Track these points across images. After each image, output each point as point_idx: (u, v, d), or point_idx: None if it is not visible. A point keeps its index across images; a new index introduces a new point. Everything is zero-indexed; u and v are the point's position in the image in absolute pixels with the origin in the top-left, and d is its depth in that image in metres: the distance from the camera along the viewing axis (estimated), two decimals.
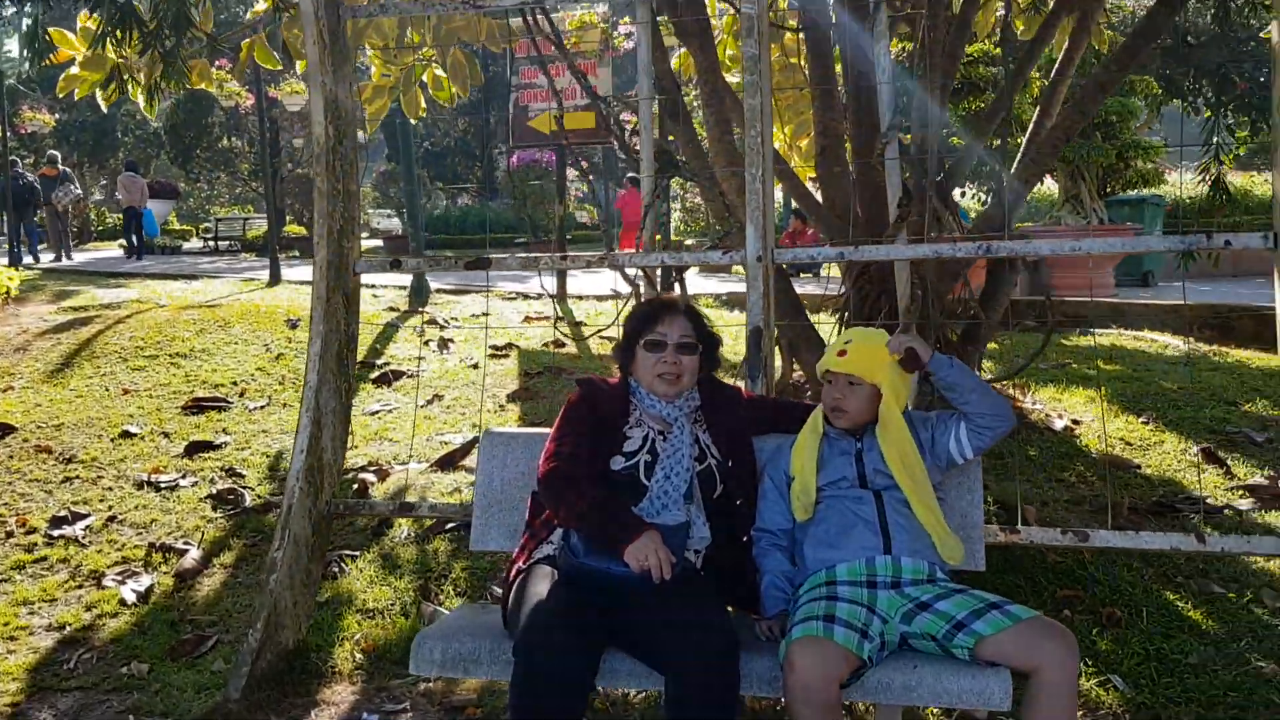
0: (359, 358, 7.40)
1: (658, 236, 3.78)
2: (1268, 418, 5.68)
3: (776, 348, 4.57)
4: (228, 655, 3.70)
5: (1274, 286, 3.03)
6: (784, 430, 3.09)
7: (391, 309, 9.70)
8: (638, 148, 3.87)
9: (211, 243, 22.70)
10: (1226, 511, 4.43)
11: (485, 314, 9.23)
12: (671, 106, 4.87)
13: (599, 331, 4.30)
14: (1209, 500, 4.55)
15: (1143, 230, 14.66)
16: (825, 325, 5.64)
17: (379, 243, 20.80)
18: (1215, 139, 5.34)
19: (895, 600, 2.69)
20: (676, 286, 3.98)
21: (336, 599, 3.96)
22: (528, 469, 3.24)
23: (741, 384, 3.40)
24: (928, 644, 2.64)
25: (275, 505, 4.91)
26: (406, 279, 10.62)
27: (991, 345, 6.87)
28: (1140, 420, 5.60)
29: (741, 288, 3.64)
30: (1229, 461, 4.98)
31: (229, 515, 4.86)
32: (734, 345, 6.30)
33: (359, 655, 3.65)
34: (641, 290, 4.11)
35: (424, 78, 6.94)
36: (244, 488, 5.14)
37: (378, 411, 6.30)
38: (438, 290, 10.66)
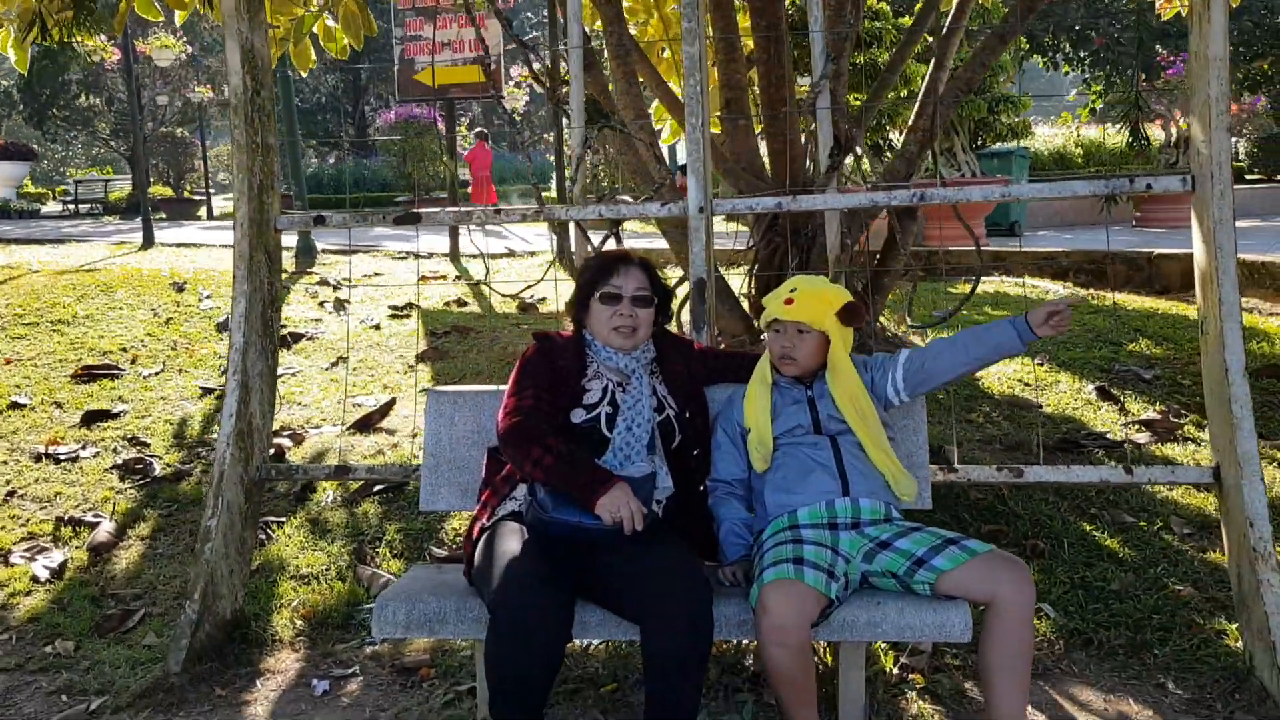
0: None
1: (584, 189, 3.75)
2: (1151, 356, 5.99)
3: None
4: (159, 628, 3.58)
5: (1192, 228, 3.18)
6: (733, 380, 3.13)
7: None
8: (568, 99, 3.82)
9: (71, 206, 21.57)
10: (1127, 445, 4.66)
11: (420, 274, 9.04)
12: (586, 57, 4.82)
13: (530, 286, 4.25)
14: (1109, 435, 4.78)
15: (1012, 181, 15.25)
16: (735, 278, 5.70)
17: None
18: (1135, 91, 5.54)
19: (856, 540, 2.76)
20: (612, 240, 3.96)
21: (268, 566, 3.86)
22: (476, 426, 3.21)
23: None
24: (889, 581, 2.72)
25: (187, 474, 4.75)
26: (290, 238, 10.32)
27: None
28: (1036, 362, 5.83)
29: (641, 243, 3.65)
30: (1122, 398, 5.23)
31: (139, 485, 4.67)
32: None
33: (299, 622, 3.57)
34: (573, 247, 4.07)
35: (314, 28, 6.69)
36: (151, 456, 4.95)
37: (281, 375, 6.12)
38: (324, 250, 10.39)
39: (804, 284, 2.97)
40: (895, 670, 3.11)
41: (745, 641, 3.20)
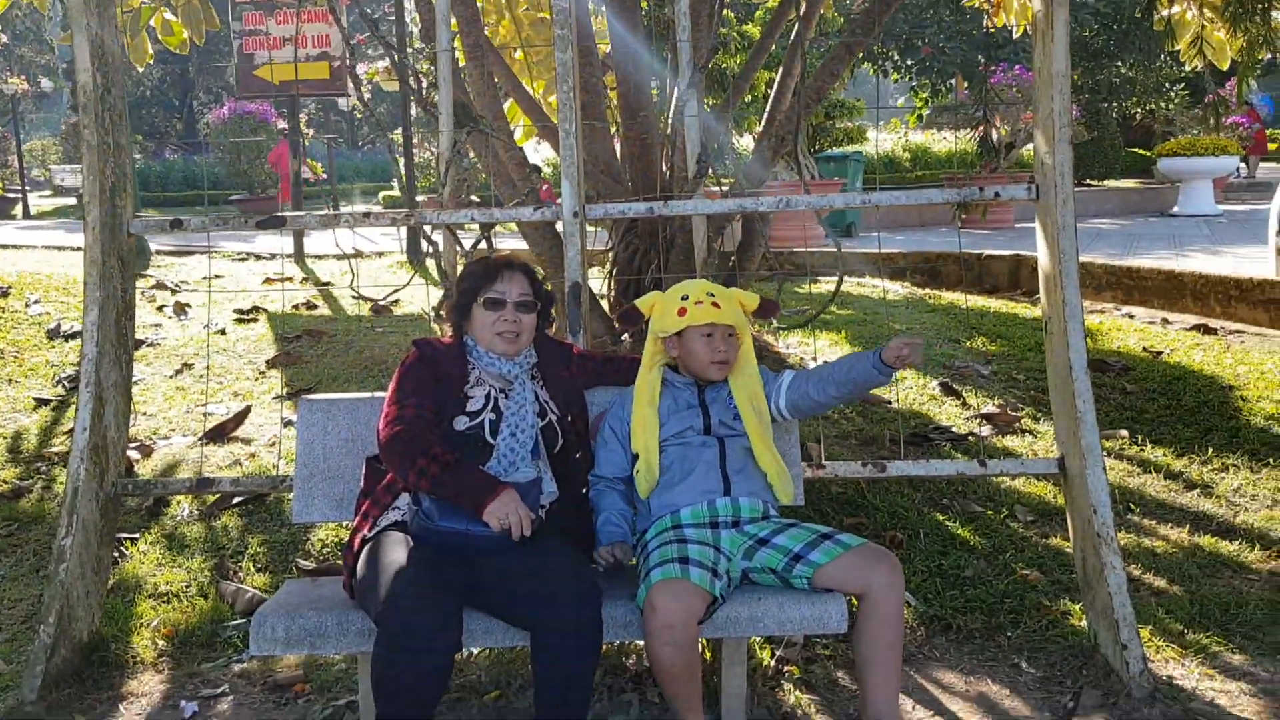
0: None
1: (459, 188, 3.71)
2: (988, 352, 6.32)
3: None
4: (7, 654, 3.38)
5: (1037, 233, 3.39)
6: (613, 384, 3.17)
7: None
8: (435, 101, 3.78)
9: None
10: (970, 438, 4.91)
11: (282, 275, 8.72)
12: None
13: (396, 291, 4.19)
14: (954, 429, 5.03)
15: (847, 184, 15.80)
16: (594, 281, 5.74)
17: (70, 201, 19.05)
18: (986, 101, 5.82)
19: (736, 538, 2.84)
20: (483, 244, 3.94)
21: (123, 585, 3.70)
22: (351, 435, 3.16)
23: None
24: (768, 577, 2.81)
25: (26, 490, 4.50)
26: None
27: None
28: None
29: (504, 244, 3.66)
30: (963, 393, 5.51)
31: None
32: None
33: (160, 642, 3.43)
34: (440, 249, 4.03)
35: (151, 22, 6.42)
36: None
37: None
38: (159, 250, 9.95)
39: (712, 289, 2.98)
40: (772, 663, 3.21)
41: (626, 642, 3.24)
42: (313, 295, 8.14)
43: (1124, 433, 4.96)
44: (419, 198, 13.39)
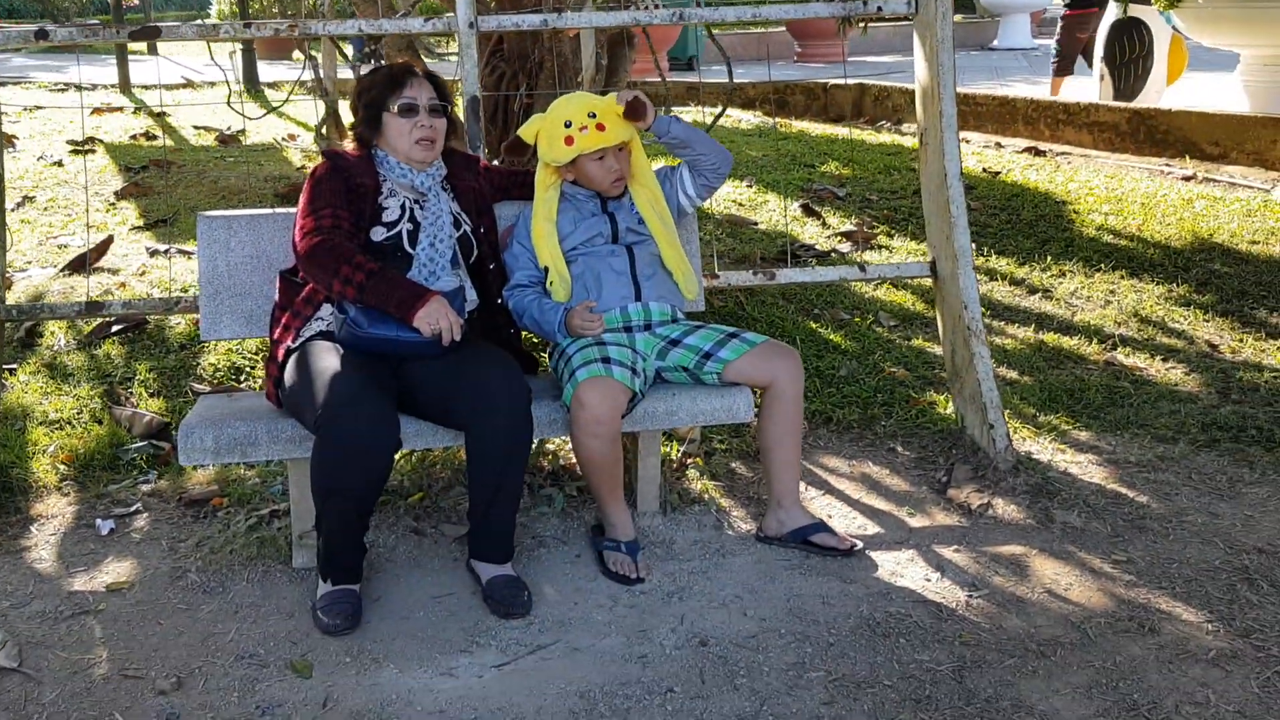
0: None
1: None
2: (841, 176, 6.58)
3: None
4: None
5: (914, 48, 3.55)
6: (518, 197, 3.22)
7: None
8: None
9: None
10: (833, 254, 5.18)
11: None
12: None
13: (275, 109, 4.07)
14: (817, 246, 5.28)
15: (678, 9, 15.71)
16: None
17: None
18: None
19: (650, 340, 3.00)
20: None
21: (9, 415, 3.61)
22: (255, 251, 3.13)
23: None
24: (680, 375, 3.00)
25: None
26: None
27: None
28: (744, 184, 6.27)
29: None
30: (823, 214, 5.76)
31: None
32: None
33: (61, 467, 3.40)
34: (321, 73, 3.92)
35: None
36: None
37: None
38: None
39: (593, 104, 3.00)
40: (677, 457, 3.44)
41: (542, 442, 3.39)
42: (150, 125, 7.72)
43: (970, 245, 5.31)
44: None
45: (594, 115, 2.96)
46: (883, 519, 3.14)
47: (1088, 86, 9.12)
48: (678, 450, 3.46)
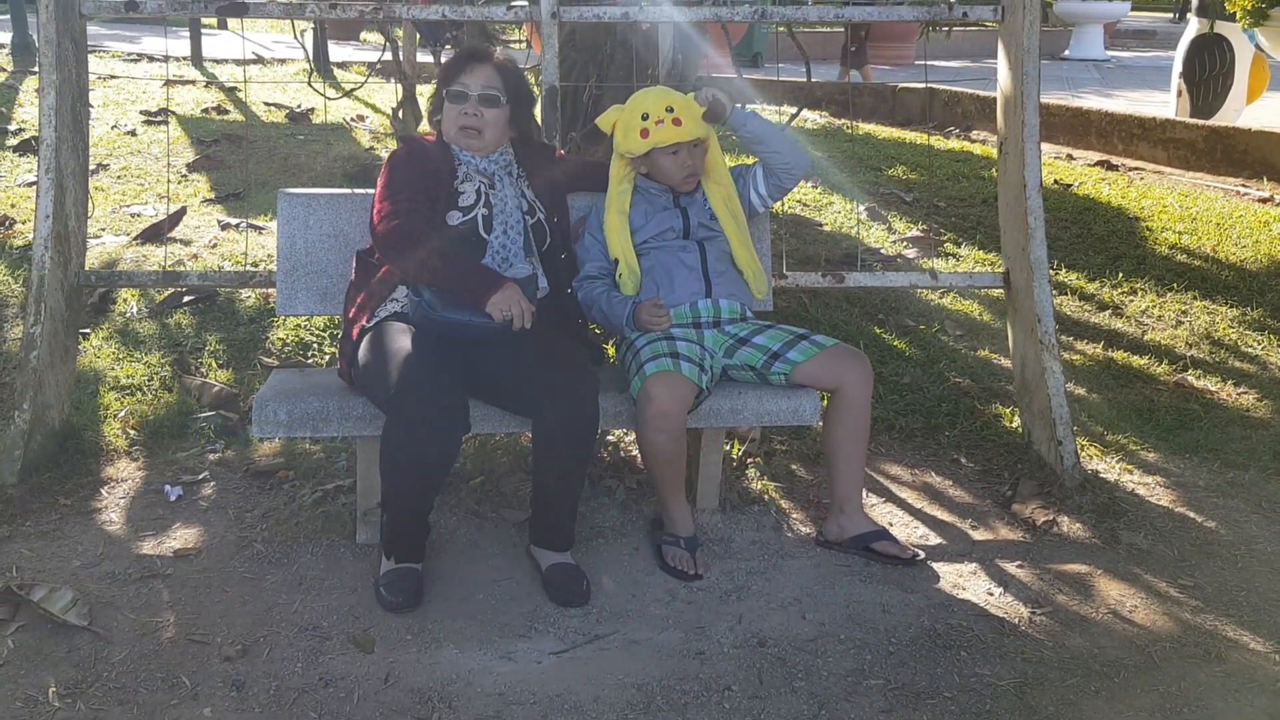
0: None
1: None
2: (909, 180, 6.53)
3: None
4: None
5: (998, 56, 3.51)
6: (593, 188, 3.21)
7: None
8: None
9: None
10: (899, 259, 5.14)
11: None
12: None
13: (350, 92, 4.11)
14: (882, 250, 5.25)
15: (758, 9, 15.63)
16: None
17: None
18: None
19: (719, 337, 2.99)
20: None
21: (83, 378, 3.67)
22: (333, 230, 3.17)
23: None
24: (747, 374, 2.99)
25: None
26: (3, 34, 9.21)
27: None
28: (809, 185, 6.23)
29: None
30: (889, 218, 5.72)
31: None
32: None
33: (131, 432, 3.46)
34: (401, 56, 3.95)
35: None
36: None
37: (34, 184, 5.60)
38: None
39: (666, 98, 3.00)
40: (738, 456, 3.43)
41: (604, 432, 3.40)
42: (221, 99, 7.82)
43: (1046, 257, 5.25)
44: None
45: (671, 110, 2.96)
46: (945, 530, 3.12)
47: (1164, 101, 8.96)
48: (738, 449, 3.45)
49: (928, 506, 3.25)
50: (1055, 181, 6.53)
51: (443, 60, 3.43)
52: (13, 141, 6.28)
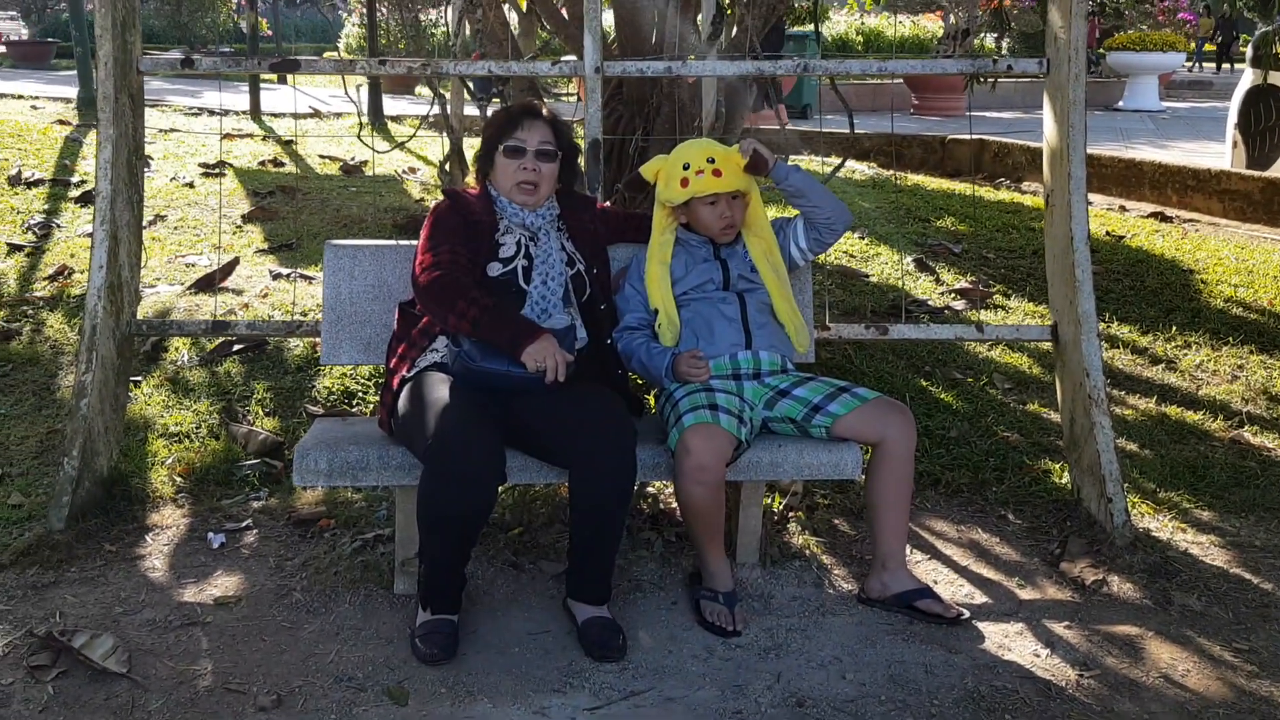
0: (49, 175, 6.68)
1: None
2: (958, 232, 6.48)
3: None
4: (23, 488, 3.42)
5: (1044, 109, 3.49)
6: (634, 240, 3.23)
7: (62, 122, 8.68)
8: None
9: None
10: (946, 311, 5.09)
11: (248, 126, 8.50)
12: None
13: (402, 144, 4.18)
14: (930, 302, 5.20)
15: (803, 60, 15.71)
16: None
17: None
18: None
19: (758, 389, 2.97)
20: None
21: (132, 425, 3.73)
22: (377, 281, 3.20)
23: None
24: (787, 426, 2.96)
25: (15, 333, 4.46)
26: (65, 89, 9.51)
27: None
28: (856, 235, 6.21)
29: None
30: (937, 269, 5.67)
31: None
32: None
33: (177, 479, 3.50)
34: (448, 109, 4.02)
35: None
36: None
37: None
38: None
39: (712, 150, 3.01)
40: (779, 509, 3.39)
41: (643, 485, 3.39)
42: (277, 152, 8.00)
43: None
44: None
45: (712, 160, 2.97)
46: (991, 588, 3.05)
47: (1220, 152, 8.86)
48: (779, 503, 3.42)
49: (973, 564, 3.19)
50: (1108, 233, 6.45)
51: (488, 114, 3.48)
52: (75, 193, 6.46)
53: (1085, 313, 3.33)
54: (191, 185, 6.76)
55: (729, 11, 4.45)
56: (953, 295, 5.32)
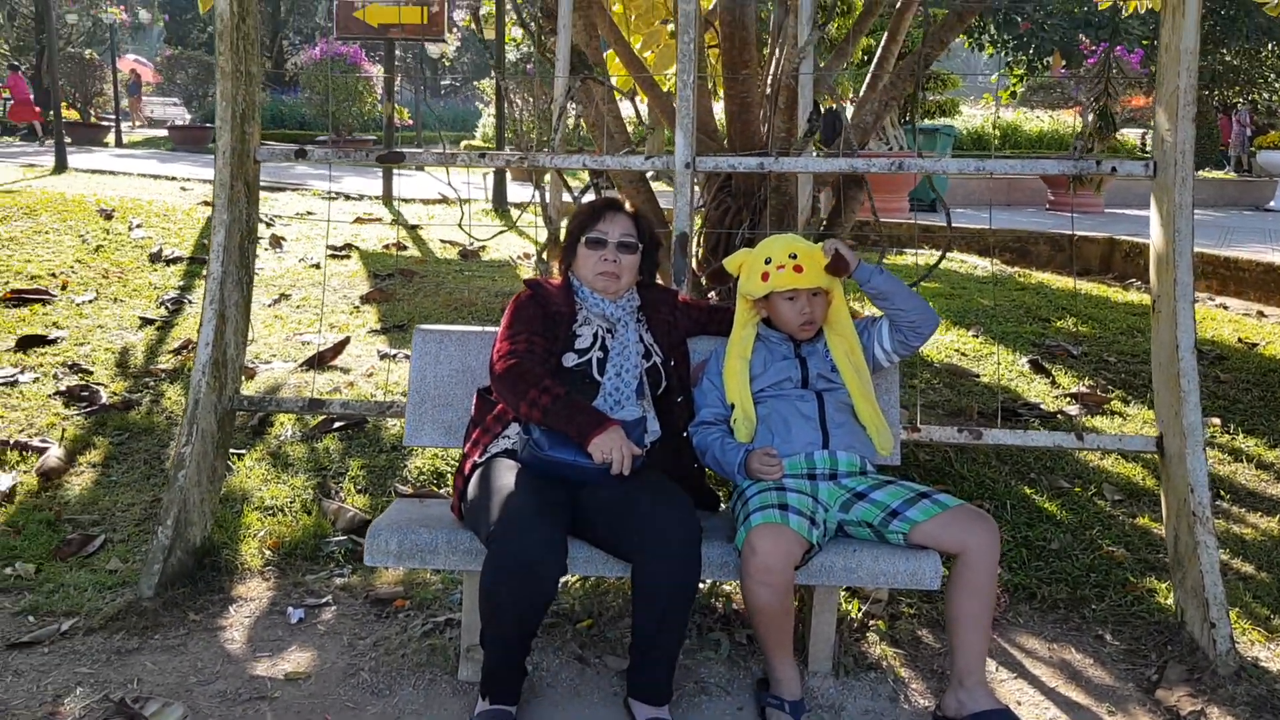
0: (188, 253, 7.05)
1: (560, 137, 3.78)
2: (1079, 334, 6.27)
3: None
4: (122, 554, 3.56)
5: (1151, 212, 3.37)
6: (715, 333, 3.22)
7: (207, 203, 9.18)
8: (554, 48, 3.84)
9: None
10: (1059, 416, 4.90)
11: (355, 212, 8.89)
12: (547, 7, 4.82)
13: (502, 231, 4.28)
14: (1042, 406, 5.02)
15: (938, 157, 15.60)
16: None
17: (160, 132, 19.44)
18: (1108, 72, 5.74)
19: (834, 491, 2.90)
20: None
21: (231, 497, 3.86)
22: (462, 365, 3.26)
23: None
24: (863, 530, 2.87)
25: (135, 403, 4.69)
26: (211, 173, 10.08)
27: None
28: (970, 333, 6.07)
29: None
30: (1053, 372, 5.48)
31: (85, 413, 4.59)
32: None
33: (266, 552, 3.59)
34: (548, 197, 4.11)
35: None
36: (96, 385, 4.86)
37: None
38: None
39: (795, 247, 3.00)
40: (858, 616, 3.27)
41: (717, 584, 3.33)
42: (402, 236, 8.29)
43: (1216, 420, 4.91)
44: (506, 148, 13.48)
45: (795, 256, 2.95)
46: (1078, 712, 2.86)
47: None
48: (858, 609, 3.30)
49: (1062, 686, 3.01)
50: (1240, 340, 6.15)
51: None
52: (205, 270, 6.79)
53: (1190, 425, 3.16)
54: (318, 266, 7.05)
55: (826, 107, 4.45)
56: (1067, 399, 5.12)
